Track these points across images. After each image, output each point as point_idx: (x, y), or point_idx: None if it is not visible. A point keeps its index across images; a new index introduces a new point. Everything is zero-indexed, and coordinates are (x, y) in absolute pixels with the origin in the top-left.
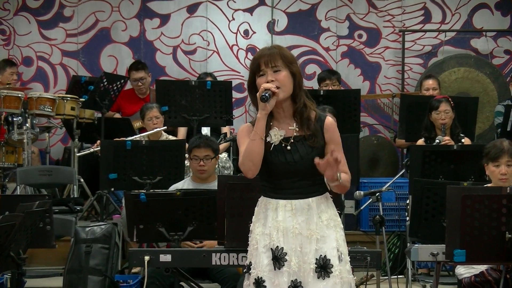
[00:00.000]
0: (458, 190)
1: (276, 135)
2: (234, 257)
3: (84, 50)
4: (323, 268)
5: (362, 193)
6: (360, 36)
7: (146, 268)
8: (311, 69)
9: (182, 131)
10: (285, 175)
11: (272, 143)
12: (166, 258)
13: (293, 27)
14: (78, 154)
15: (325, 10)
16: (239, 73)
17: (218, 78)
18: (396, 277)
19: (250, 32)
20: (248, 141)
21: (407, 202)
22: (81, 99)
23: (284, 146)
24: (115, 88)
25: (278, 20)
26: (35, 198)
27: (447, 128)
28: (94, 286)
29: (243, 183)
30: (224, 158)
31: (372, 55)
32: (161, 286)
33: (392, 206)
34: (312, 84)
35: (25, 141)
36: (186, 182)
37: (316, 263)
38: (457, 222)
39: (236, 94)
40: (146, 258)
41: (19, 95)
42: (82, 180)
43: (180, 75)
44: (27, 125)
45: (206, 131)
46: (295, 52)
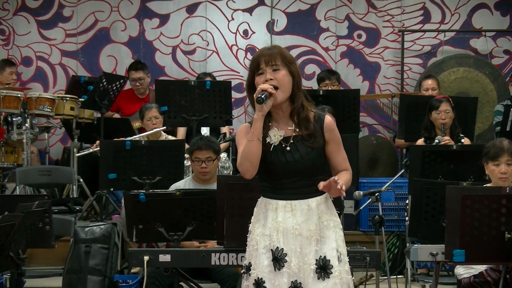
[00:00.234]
0: (458, 190)
1: (275, 136)
2: (233, 257)
3: (83, 50)
4: (323, 268)
5: (361, 193)
6: (359, 36)
7: (146, 268)
8: (311, 69)
9: (181, 131)
10: (285, 175)
11: (271, 144)
12: (165, 258)
13: (292, 27)
14: (77, 155)
15: (324, 10)
16: (239, 73)
17: (218, 78)
18: (395, 277)
19: (250, 32)
20: (245, 142)
21: (407, 202)
22: (80, 99)
23: (284, 146)
24: (115, 88)
25: (277, 20)
26: (35, 198)
27: (447, 128)
28: (94, 286)
29: (243, 183)
30: (223, 158)
31: (371, 55)
32: (160, 286)
33: (391, 206)
34: (311, 84)
35: (24, 141)
36: (187, 182)
37: (316, 264)
38: (456, 222)
39: (235, 94)
40: (146, 258)
41: (19, 95)
42: (81, 180)
43: (179, 75)
44: (27, 125)
45: (205, 131)
46: (295, 52)
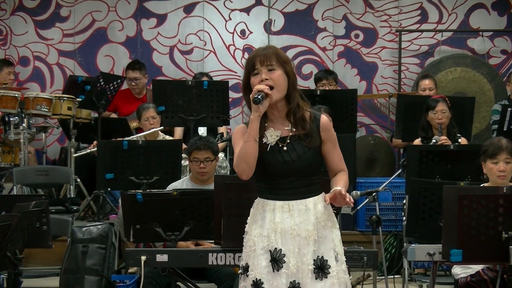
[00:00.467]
0: (455, 190)
1: (272, 136)
2: (230, 257)
3: (80, 50)
4: (321, 268)
5: (358, 193)
6: (356, 36)
7: (143, 268)
8: (308, 69)
9: (178, 131)
10: (282, 175)
11: (268, 144)
12: (162, 258)
13: (289, 27)
14: (74, 155)
15: (321, 10)
16: (236, 73)
17: (215, 78)
18: (392, 277)
19: (247, 32)
20: (242, 143)
21: (404, 202)
22: (77, 99)
23: (280, 146)
24: (112, 88)
25: (274, 20)
26: (32, 198)
27: (444, 128)
28: (91, 286)
29: (240, 183)
30: (220, 158)
31: (368, 55)
32: (157, 286)
33: (388, 206)
34: (308, 84)
35: (21, 141)
36: (184, 182)
37: (314, 264)
38: (453, 222)
39: (232, 94)
40: (143, 258)
41: (16, 95)
42: (78, 180)
43: (176, 75)
44: (24, 125)
45: (202, 131)
46: (292, 52)
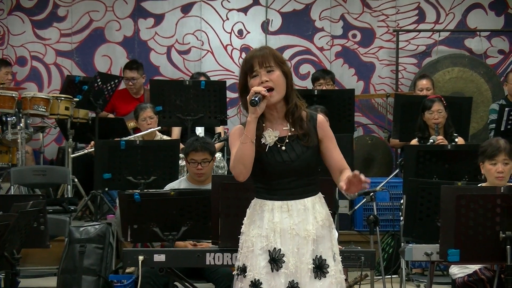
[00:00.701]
0: (452, 190)
1: (270, 136)
2: (228, 257)
3: (78, 49)
4: (320, 268)
5: (356, 193)
6: (354, 36)
7: (140, 268)
8: (305, 69)
9: (176, 131)
10: (281, 175)
11: (267, 145)
12: (160, 258)
13: (287, 27)
14: (72, 156)
15: (319, 10)
16: (233, 73)
17: (212, 78)
18: (390, 276)
19: (244, 32)
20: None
21: (401, 201)
22: (75, 99)
23: (279, 146)
24: (109, 88)
25: (272, 20)
26: (29, 198)
27: (440, 127)
28: (88, 286)
29: (238, 183)
30: (218, 158)
31: (366, 55)
32: (155, 286)
33: (386, 206)
34: (306, 84)
35: (19, 141)
36: (181, 182)
37: (313, 263)
38: (451, 222)
39: (230, 94)
40: (140, 258)
41: (13, 95)
42: (76, 180)
43: (174, 75)
44: (21, 125)
45: (200, 131)
46: (289, 52)
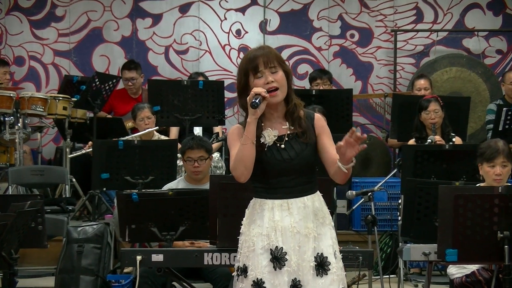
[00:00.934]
0: (450, 190)
1: (270, 136)
2: (226, 257)
3: (76, 49)
4: (321, 265)
5: (354, 192)
6: (352, 36)
7: (138, 268)
8: (303, 69)
9: (174, 131)
10: (281, 174)
11: (266, 144)
12: (158, 258)
13: (285, 27)
14: (70, 156)
15: (317, 10)
16: (231, 72)
17: (210, 78)
18: (388, 276)
19: (242, 32)
20: (238, 145)
21: (399, 201)
22: (73, 99)
23: (278, 145)
24: (107, 87)
25: (270, 19)
26: (27, 198)
27: (437, 127)
28: (86, 286)
29: (236, 183)
30: (216, 158)
31: (364, 55)
32: (153, 286)
33: (384, 206)
34: (304, 84)
35: (17, 140)
36: (179, 183)
37: (315, 261)
38: (449, 222)
39: (228, 94)
40: (138, 258)
41: (11, 95)
42: (74, 180)
43: (172, 75)
44: (19, 124)
45: (198, 131)
46: (287, 51)
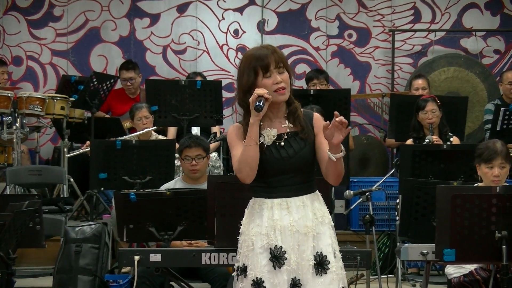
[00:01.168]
0: (448, 190)
1: (269, 136)
2: (224, 256)
3: (74, 49)
4: (320, 264)
5: (352, 192)
6: (350, 35)
7: (136, 268)
8: (301, 68)
9: (172, 131)
10: (280, 172)
11: (265, 144)
12: (156, 258)
13: (283, 27)
14: (68, 155)
15: (315, 10)
16: (229, 72)
17: (208, 78)
18: (386, 276)
19: (240, 31)
20: (240, 145)
21: (397, 201)
22: (71, 99)
23: (277, 144)
24: (105, 87)
25: (268, 19)
26: (25, 198)
27: (435, 127)
28: (84, 286)
29: (233, 183)
30: (214, 158)
31: (362, 55)
32: (151, 286)
33: (382, 206)
34: (302, 84)
35: (14, 140)
36: (177, 182)
37: (314, 260)
38: (447, 222)
39: (226, 94)
40: (136, 258)
41: (9, 95)
42: (72, 179)
43: (170, 75)
44: (17, 124)
45: (196, 131)
46: (285, 51)
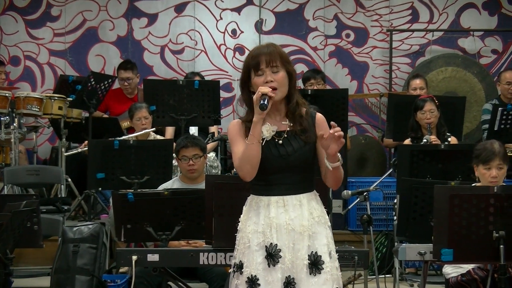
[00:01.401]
0: (446, 190)
1: (268, 131)
2: (221, 256)
3: (71, 49)
4: (315, 264)
5: (349, 192)
6: (347, 35)
7: (134, 267)
8: (299, 68)
9: (169, 131)
10: (278, 170)
11: (264, 138)
12: (153, 257)
13: (281, 27)
14: (65, 154)
15: (312, 10)
16: (227, 72)
17: (206, 78)
18: (383, 276)
19: (238, 31)
20: (241, 142)
21: (395, 201)
22: (68, 99)
23: (276, 140)
24: (103, 87)
25: (266, 19)
26: (23, 198)
27: (433, 127)
28: (82, 285)
29: (231, 183)
30: (212, 158)
31: (359, 55)
32: (149, 286)
33: (379, 206)
34: (300, 83)
35: (12, 140)
36: (174, 182)
37: (309, 259)
38: (444, 222)
39: (224, 94)
40: (134, 257)
41: (7, 95)
42: (69, 179)
43: (167, 75)
44: (15, 124)
45: (194, 131)
46: None
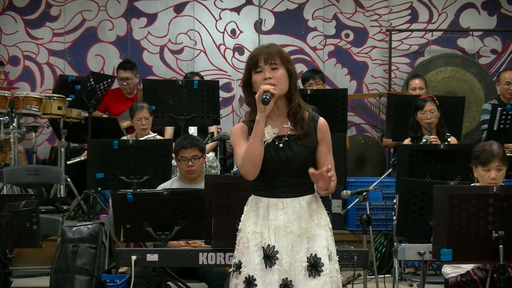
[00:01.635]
0: (445, 190)
1: (269, 133)
2: (221, 256)
3: (71, 49)
4: (314, 266)
5: (349, 192)
6: (347, 35)
7: (133, 267)
8: (298, 68)
9: (169, 131)
10: (277, 173)
11: (265, 141)
12: (153, 257)
13: (280, 27)
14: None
15: (312, 10)
16: (226, 72)
17: (205, 78)
18: (383, 276)
19: (237, 31)
20: (244, 142)
21: (394, 201)
22: (68, 99)
23: (277, 144)
24: (102, 87)
25: (265, 19)
26: (22, 198)
27: (433, 127)
28: (81, 285)
29: (230, 183)
30: (211, 158)
31: (359, 55)
32: (148, 286)
33: (379, 206)
34: (299, 83)
35: (11, 140)
36: (173, 182)
37: (307, 262)
38: (444, 222)
39: (223, 94)
40: (133, 257)
41: (6, 95)
42: (69, 179)
43: (167, 75)
44: (14, 124)
45: (193, 131)
46: None
